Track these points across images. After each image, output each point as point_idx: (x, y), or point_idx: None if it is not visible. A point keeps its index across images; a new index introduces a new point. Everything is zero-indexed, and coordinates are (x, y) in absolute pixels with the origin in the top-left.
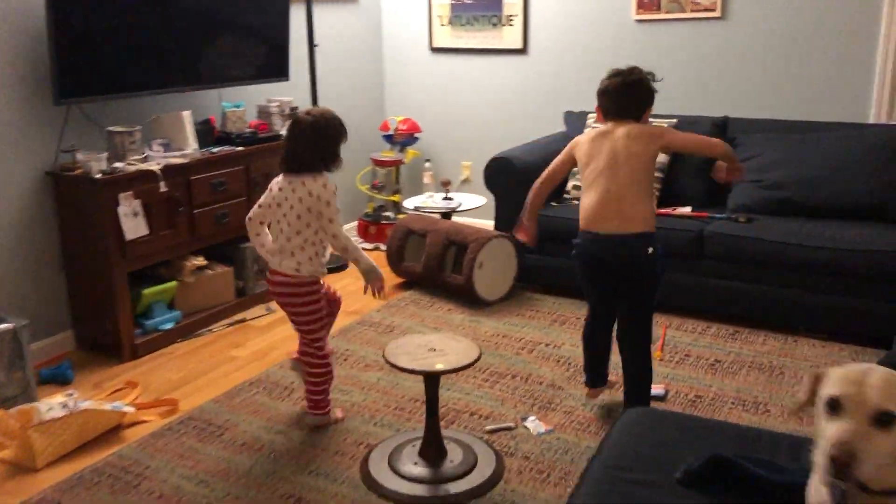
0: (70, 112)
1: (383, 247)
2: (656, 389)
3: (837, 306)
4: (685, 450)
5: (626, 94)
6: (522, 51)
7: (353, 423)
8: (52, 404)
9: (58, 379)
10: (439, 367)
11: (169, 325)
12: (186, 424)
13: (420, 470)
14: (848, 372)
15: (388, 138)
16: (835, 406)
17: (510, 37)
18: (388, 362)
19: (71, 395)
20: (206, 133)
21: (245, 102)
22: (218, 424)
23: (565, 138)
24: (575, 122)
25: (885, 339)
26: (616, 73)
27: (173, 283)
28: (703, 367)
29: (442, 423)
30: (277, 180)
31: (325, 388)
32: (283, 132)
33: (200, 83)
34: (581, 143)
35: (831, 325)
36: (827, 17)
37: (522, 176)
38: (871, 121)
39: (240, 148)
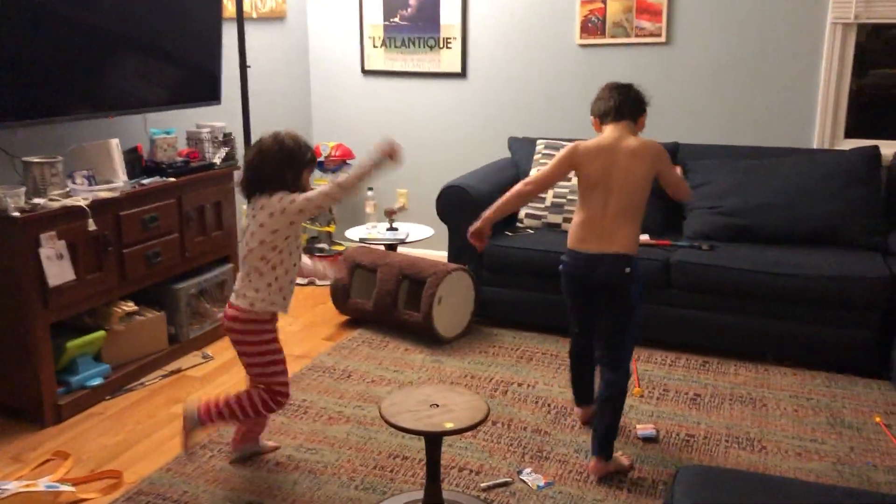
0: None
1: (318, 281)
2: (646, 430)
3: (806, 334)
4: None
5: (621, 93)
6: (461, 75)
7: (330, 487)
8: None
9: None
10: (449, 426)
11: (97, 381)
12: (136, 501)
13: None
14: None
15: (319, 165)
16: None
17: (448, 60)
18: (389, 423)
19: None
20: (134, 163)
21: (175, 129)
22: (174, 499)
23: (512, 165)
24: (520, 147)
25: (855, 366)
26: (610, 86)
27: (101, 333)
28: (685, 402)
29: None
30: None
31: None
32: (217, 160)
33: (125, 107)
34: (587, 154)
35: (799, 353)
36: (770, 43)
37: (477, 206)
38: (815, 145)
39: (171, 179)
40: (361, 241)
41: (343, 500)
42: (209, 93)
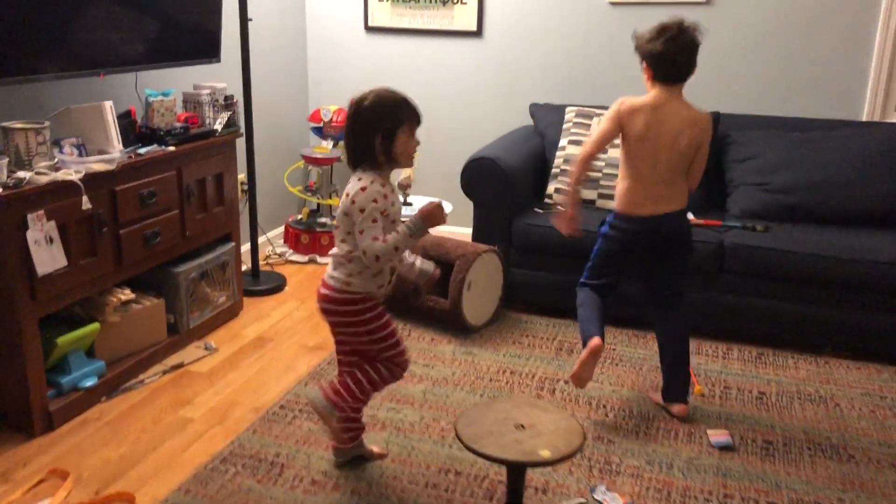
0: None
1: (320, 259)
2: (721, 437)
3: (869, 324)
4: None
5: (685, 49)
6: (477, 33)
7: None
8: None
9: None
10: (545, 454)
11: (92, 381)
12: None
13: None
14: None
15: (318, 131)
16: None
17: (462, 17)
18: (472, 450)
19: None
20: (127, 128)
21: (174, 90)
22: None
23: (535, 133)
24: (545, 115)
25: None
26: (665, 30)
27: (94, 326)
28: (751, 402)
29: None
30: None
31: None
32: (218, 127)
33: (116, 65)
34: (633, 110)
35: (861, 344)
36: (822, 6)
37: (509, 180)
38: (865, 118)
39: (171, 148)
40: None
41: None
42: (208, 49)
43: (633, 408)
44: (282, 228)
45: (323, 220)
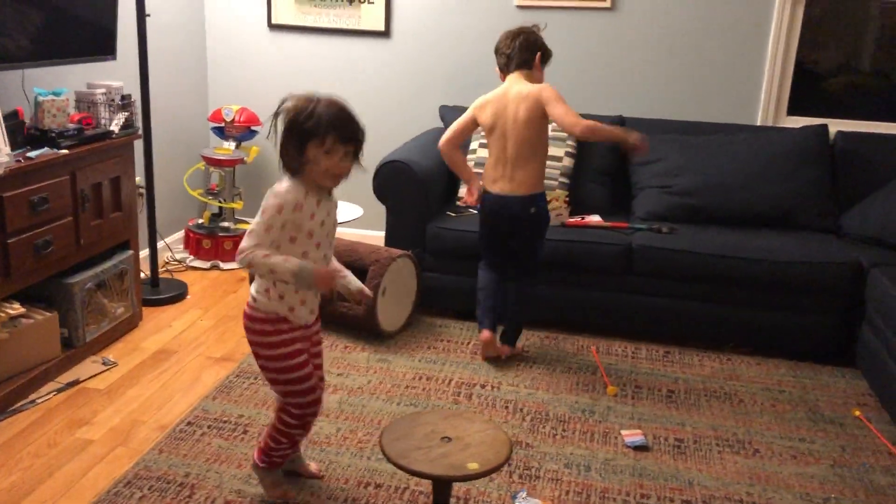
0: None
1: (222, 265)
2: (635, 437)
3: (768, 321)
4: None
5: (513, 43)
6: (385, 34)
7: None
8: None
9: None
10: (473, 467)
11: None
12: None
13: None
14: None
15: (219, 131)
16: None
17: (370, 17)
18: (399, 466)
19: None
20: (15, 130)
21: (67, 89)
22: None
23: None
24: (454, 117)
25: (816, 353)
26: (508, 33)
27: None
28: (661, 400)
29: None
30: None
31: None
32: (115, 128)
33: (2, 61)
34: (482, 105)
35: (760, 340)
36: (718, 13)
37: (422, 183)
38: (759, 122)
39: (64, 151)
40: None
41: None
42: (103, 46)
43: (548, 410)
44: (181, 233)
45: (226, 223)
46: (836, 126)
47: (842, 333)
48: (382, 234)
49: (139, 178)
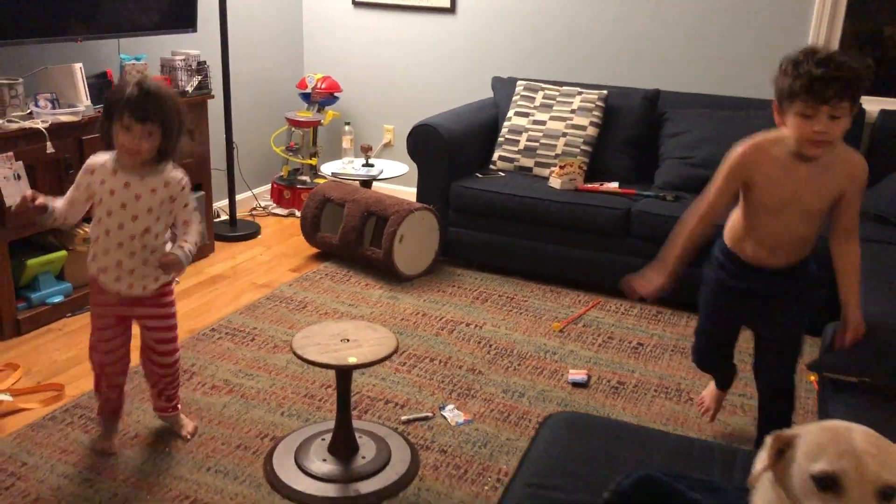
0: None
1: (298, 213)
2: (578, 375)
3: None
4: (615, 465)
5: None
6: (450, 10)
7: (257, 412)
8: None
9: None
10: (352, 360)
11: (58, 299)
12: (72, 413)
13: (329, 467)
14: (830, 438)
15: (306, 97)
16: (829, 484)
17: None
18: (296, 355)
19: None
20: (103, 88)
21: (147, 55)
22: None
23: (492, 106)
24: (500, 88)
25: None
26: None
27: (62, 253)
28: (626, 351)
29: (355, 413)
30: None
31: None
32: (189, 89)
33: (96, 32)
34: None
35: None
36: None
37: (447, 145)
38: None
39: None
40: (334, 175)
41: (266, 424)
42: (186, 20)
43: (514, 349)
44: (268, 186)
45: (303, 177)
46: (880, 105)
47: None
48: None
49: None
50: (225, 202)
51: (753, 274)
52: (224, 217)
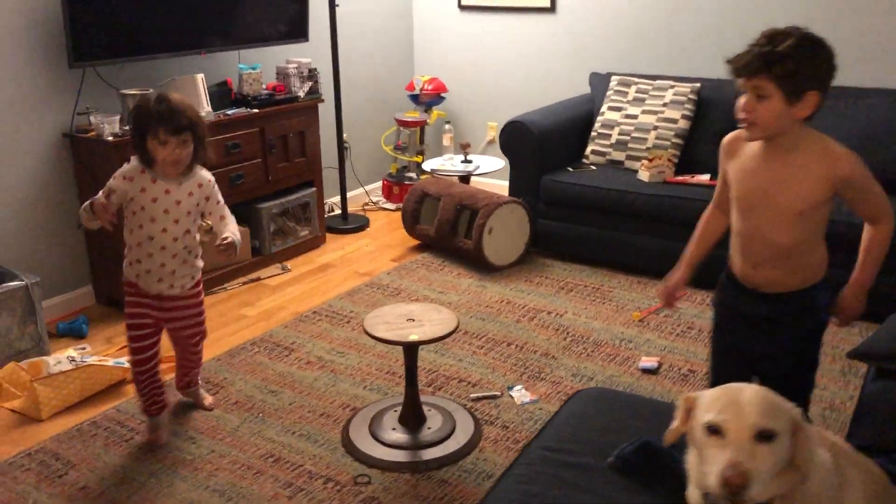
0: (86, 75)
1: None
2: (649, 362)
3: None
4: (629, 434)
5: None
6: (550, 9)
7: (343, 385)
8: (61, 358)
9: (73, 333)
10: (413, 337)
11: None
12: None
13: (398, 436)
14: (721, 395)
15: (414, 98)
16: (715, 431)
17: None
18: (365, 332)
19: (84, 349)
20: (223, 95)
21: (261, 64)
22: (215, 382)
23: (588, 101)
24: (597, 83)
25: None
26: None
27: None
28: (703, 341)
29: (429, 389)
30: None
31: None
32: (301, 94)
33: (217, 45)
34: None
35: None
36: None
37: (536, 141)
38: None
39: (255, 110)
40: (433, 171)
41: (349, 396)
42: (298, 32)
43: (591, 336)
44: (379, 183)
45: (410, 174)
46: None
47: None
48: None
49: (346, 135)
50: (338, 198)
51: (744, 295)
52: (337, 211)
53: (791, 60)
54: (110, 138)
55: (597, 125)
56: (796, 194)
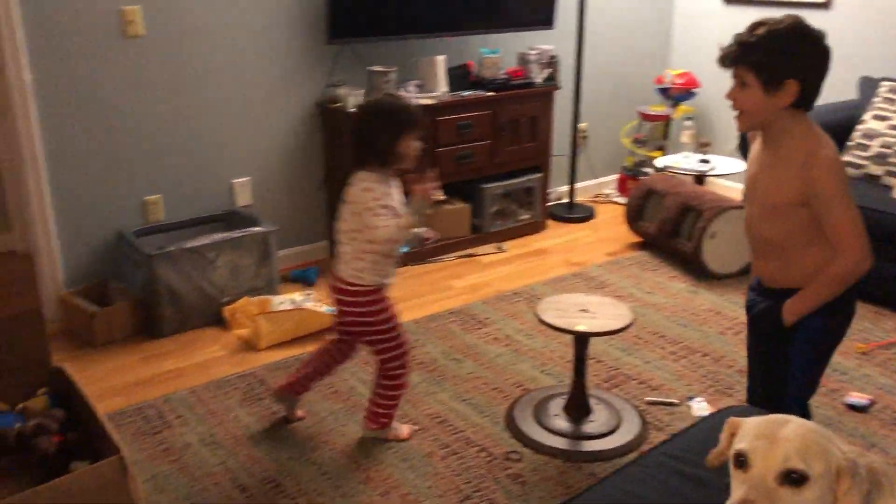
0: (341, 51)
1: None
2: (858, 398)
3: None
4: None
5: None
6: (825, 5)
7: (522, 366)
8: (284, 299)
9: (303, 280)
10: (580, 328)
11: (404, 249)
12: None
13: (559, 423)
14: (761, 424)
15: (663, 92)
16: (742, 461)
17: None
18: (536, 315)
19: (309, 294)
20: (462, 77)
21: (501, 49)
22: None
23: (852, 108)
24: (868, 89)
25: None
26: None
27: None
28: None
29: (606, 385)
30: None
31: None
32: (538, 80)
33: (463, 29)
34: None
35: None
36: None
37: None
38: None
39: (490, 93)
40: (664, 168)
41: (525, 376)
42: (544, 19)
43: None
44: (616, 175)
45: (647, 169)
46: None
47: None
48: None
49: (584, 125)
50: (567, 186)
51: (759, 288)
52: (564, 200)
53: (761, 48)
54: (352, 109)
55: (856, 134)
56: (769, 187)
